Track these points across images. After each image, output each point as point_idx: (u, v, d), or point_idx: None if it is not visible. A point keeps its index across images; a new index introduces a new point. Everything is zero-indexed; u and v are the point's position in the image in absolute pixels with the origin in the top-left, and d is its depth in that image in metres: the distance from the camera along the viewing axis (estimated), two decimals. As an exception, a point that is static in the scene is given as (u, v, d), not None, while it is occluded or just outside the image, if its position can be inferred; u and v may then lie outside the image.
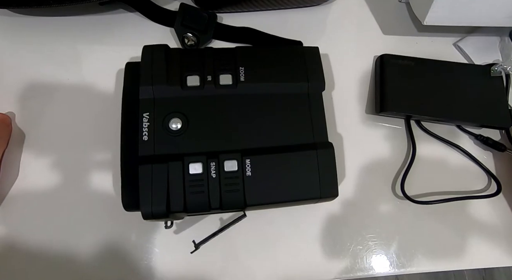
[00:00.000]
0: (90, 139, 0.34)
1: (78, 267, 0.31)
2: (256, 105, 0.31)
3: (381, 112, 0.35)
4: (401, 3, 0.40)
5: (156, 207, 0.27)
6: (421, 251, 0.33)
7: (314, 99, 0.32)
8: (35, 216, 0.32)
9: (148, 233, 0.32)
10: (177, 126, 0.29)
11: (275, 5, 0.37)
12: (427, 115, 0.35)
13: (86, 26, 0.37)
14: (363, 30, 0.39)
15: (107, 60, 0.35)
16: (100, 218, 0.32)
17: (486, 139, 0.35)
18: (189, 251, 0.30)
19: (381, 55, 0.36)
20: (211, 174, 0.28)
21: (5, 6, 0.34)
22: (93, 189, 0.33)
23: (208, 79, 0.30)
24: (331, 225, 0.33)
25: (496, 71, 0.36)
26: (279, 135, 0.31)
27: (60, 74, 0.35)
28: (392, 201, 0.34)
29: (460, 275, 1.02)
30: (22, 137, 0.33)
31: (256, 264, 0.32)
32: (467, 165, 0.36)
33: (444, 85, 0.35)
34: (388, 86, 0.35)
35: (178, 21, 0.35)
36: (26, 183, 0.32)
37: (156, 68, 0.30)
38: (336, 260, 0.33)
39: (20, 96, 0.34)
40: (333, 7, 0.40)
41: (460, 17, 0.34)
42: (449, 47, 0.39)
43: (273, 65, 0.32)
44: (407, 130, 0.36)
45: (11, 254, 0.31)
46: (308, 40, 0.37)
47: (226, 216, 0.33)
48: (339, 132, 0.36)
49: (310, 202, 0.30)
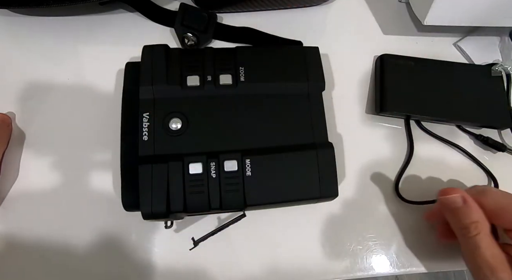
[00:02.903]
0: (90, 139, 0.34)
1: (78, 266, 0.31)
2: (256, 105, 0.31)
3: (381, 112, 0.35)
4: (401, 3, 0.40)
5: (156, 207, 0.27)
6: (421, 251, 0.33)
7: (314, 99, 0.32)
8: (35, 216, 0.32)
9: (148, 233, 0.32)
10: (177, 126, 0.29)
11: (275, 5, 0.37)
12: (427, 115, 0.35)
13: (86, 26, 0.37)
14: (363, 30, 0.39)
15: (107, 60, 0.35)
16: (100, 218, 0.32)
17: (486, 139, 0.35)
18: (189, 251, 0.30)
19: (381, 55, 0.36)
20: (211, 174, 0.28)
21: (5, 6, 0.34)
22: (93, 189, 0.33)
23: (208, 79, 0.30)
24: (331, 225, 0.33)
25: (497, 71, 0.36)
26: (279, 135, 0.31)
27: (60, 74, 0.35)
28: (392, 201, 0.34)
29: (460, 275, 1.02)
30: (22, 137, 0.33)
31: (255, 264, 0.32)
32: (467, 165, 0.36)
33: (444, 85, 0.35)
34: (388, 86, 0.35)
35: (178, 21, 0.35)
36: (26, 183, 0.32)
37: (156, 68, 0.30)
38: (336, 260, 0.33)
39: (20, 96, 0.34)
40: (333, 7, 0.40)
41: (460, 17, 0.34)
42: (449, 47, 0.39)
43: (273, 65, 0.32)
44: (406, 130, 0.36)
45: (11, 254, 0.31)
46: (308, 40, 0.37)
47: (226, 216, 0.33)
48: (339, 132, 0.36)
49: (310, 202, 0.30)
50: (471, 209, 0.27)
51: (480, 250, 0.26)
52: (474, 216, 0.27)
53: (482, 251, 0.26)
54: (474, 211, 0.27)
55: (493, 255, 0.26)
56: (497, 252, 0.26)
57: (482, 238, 0.26)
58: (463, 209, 0.27)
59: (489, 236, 0.26)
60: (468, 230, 0.27)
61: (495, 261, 0.25)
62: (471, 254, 0.26)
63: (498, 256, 0.26)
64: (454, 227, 0.28)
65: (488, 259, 0.25)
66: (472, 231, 0.26)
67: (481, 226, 0.26)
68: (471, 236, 0.26)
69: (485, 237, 0.26)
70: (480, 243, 0.26)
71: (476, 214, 0.27)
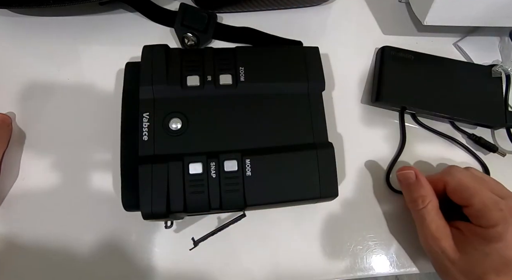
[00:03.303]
0: (90, 139, 0.34)
1: (78, 267, 0.31)
2: (256, 105, 0.31)
3: (376, 101, 0.35)
4: (401, 3, 0.40)
5: (156, 207, 0.27)
6: (421, 251, 0.33)
7: (314, 99, 0.32)
8: (35, 216, 0.32)
9: (148, 233, 0.32)
10: (177, 126, 0.29)
11: (275, 5, 0.37)
12: (422, 108, 0.35)
13: (86, 26, 0.37)
14: (363, 30, 0.39)
15: (107, 60, 0.35)
16: (100, 218, 0.32)
17: (478, 139, 0.35)
18: (189, 251, 0.30)
19: (382, 47, 0.37)
20: (211, 174, 0.28)
21: (5, 6, 0.34)
22: (93, 189, 0.33)
23: (208, 79, 0.30)
24: (331, 225, 0.33)
25: (497, 71, 0.36)
26: (279, 135, 0.31)
27: (60, 74, 0.35)
28: (392, 201, 0.34)
29: (460, 275, 1.02)
30: (22, 137, 0.33)
31: (255, 264, 0.32)
32: (463, 160, 0.36)
33: (442, 81, 0.36)
34: (386, 76, 0.35)
35: (178, 21, 0.35)
36: (26, 183, 0.32)
37: (156, 68, 0.30)
38: (336, 260, 0.33)
39: (20, 96, 0.34)
40: (333, 7, 0.40)
41: (460, 17, 0.34)
42: (449, 47, 0.39)
43: (273, 65, 0.32)
44: (400, 122, 0.36)
45: (11, 254, 0.31)
46: (308, 40, 0.37)
47: (226, 216, 0.33)
48: (339, 132, 0.36)
49: (310, 202, 0.30)
50: (421, 185, 0.30)
51: (426, 222, 0.29)
52: (423, 190, 0.30)
53: (428, 223, 0.29)
54: (423, 186, 0.30)
55: (437, 226, 0.29)
56: (441, 224, 0.29)
57: (428, 211, 0.29)
58: (414, 184, 0.30)
59: (435, 210, 0.29)
60: (416, 203, 0.30)
61: (438, 232, 0.28)
62: (419, 225, 0.30)
63: (442, 228, 0.29)
64: (407, 202, 0.31)
65: (432, 230, 0.28)
66: (419, 204, 0.29)
67: (428, 200, 0.29)
68: (419, 209, 0.29)
69: (431, 210, 0.29)
70: (426, 215, 0.29)
71: (424, 189, 0.30)
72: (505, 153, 0.35)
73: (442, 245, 0.28)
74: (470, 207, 0.28)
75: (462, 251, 0.27)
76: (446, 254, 0.28)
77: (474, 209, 0.27)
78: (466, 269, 0.27)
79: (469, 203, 0.28)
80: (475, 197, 0.27)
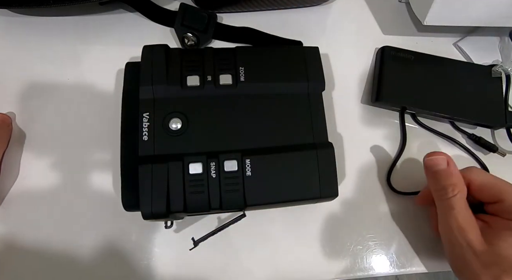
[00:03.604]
0: (90, 139, 0.34)
1: (78, 267, 0.31)
2: (256, 105, 0.31)
3: (376, 101, 0.35)
4: (401, 3, 0.40)
5: (156, 207, 0.27)
6: (421, 251, 0.33)
7: (314, 99, 0.32)
8: (35, 216, 0.32)
9: (148, 233, 0.32)
10: (177, 126, 0.29)
11: (275, 5, 0.37)
12: (422, 108, 0.35)
13: (86, 26, 0.37)
14: (363, 30, 0.39)
15: (107, 60, 0.35)
16: (100, 218, 0.32)
17: (478, 139, 0.36)
18: (189, 251, 0.30)
19: (382, 47, 0.37)
20: (211, 174, 0.28)
21: (5, 6, 0.34)
22: (93, 189, 0.33)
23: (208, 79, 0.30)
24: (331, 225, 0.33)
25: (497, 71, 0.36)
26: (279, 135, 0.31)
27: (60, 74, 0.35)
28: (392, 201, 0.34)
29: (460, 275, 1.02)
30: (22, 137, 0.33)
31: (255, 264, 0.32)
32: (463, 160, 0.36)
33: (442, 81, 0.36)
34: (386, 76, 0.35)
35: (178, 21, 0.35)
36: (26, 183, 0.32)
37: (156, 68, 0.30)
38: (336, 260, 0.33)
39: (20, 96, 0.34)
40: (333, 7, 0.40)
41: (460, 17, 0.34)
42: (449, 47, 0.39)
43: (273, 65, 0.32)
44: (400, 122, 0.36)
45: (11, 254, 0.31)
46: (308, 40, 0.37)
47: (226, 216, 0.33)
48: (339, 132, 0.36)
49: (310, 202, 0.30)
50: (452, 172, 0.28)
51: (453, 211, 0.27)
52: (454, 179, 0.28)
53: (455, 213, 0.27)
54: (454, 174, 0.28)
55: (464, 217, 0.27)
56: (469, 215, 0.27)
57: (457, 200, 0.27)
58: (445, 171, 0.28)
59: (464, 200, 0.28)
60: (446, 191, 0.28)
61: (465, 223, 0.27)
62: (445, 215, 0.28)
63: (469, 219, 0.27)
64: (433, 190, 0.29)
65: (460, 221, 0.27)
66: (449, 193, 0.28)
67: (458, 189, 0.28)
68: (448, 198, 0.28)
69: (460, 200, 0.27)
70: (454, 205, 0.27)
71: (455, 177, 0.28)
72: (505, 153, 0.35)
73: (469, 236, 0.27)
74: (500, 203, 0.28)
75: (490, 243, 0.26)
76: (471, 246, 0.26)
77: (506, 205, 0.27)
78: (491, 261, 0.26)
79: (500, 198, 0.28)
80: (506, 192, 0.28)
